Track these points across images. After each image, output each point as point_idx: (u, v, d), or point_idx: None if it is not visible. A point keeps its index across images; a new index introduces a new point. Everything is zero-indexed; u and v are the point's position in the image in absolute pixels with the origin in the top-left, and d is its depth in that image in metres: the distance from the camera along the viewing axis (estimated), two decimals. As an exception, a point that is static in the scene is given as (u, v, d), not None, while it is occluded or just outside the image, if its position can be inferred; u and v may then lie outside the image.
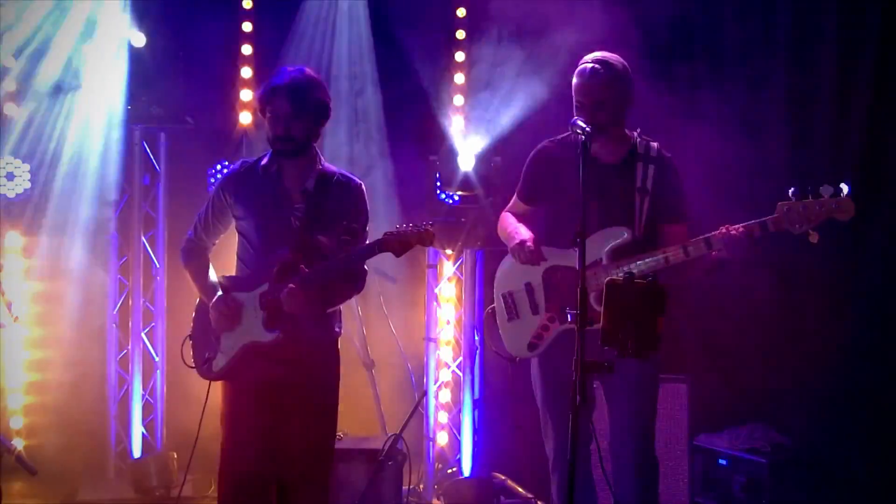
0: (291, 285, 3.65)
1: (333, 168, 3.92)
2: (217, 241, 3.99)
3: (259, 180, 3.85)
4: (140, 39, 5.61)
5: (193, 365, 3.90)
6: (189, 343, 3.92)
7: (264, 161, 3.88)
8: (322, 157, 3.92)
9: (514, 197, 4.18)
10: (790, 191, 3.61)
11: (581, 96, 3.85)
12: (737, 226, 3.67)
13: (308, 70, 3.86)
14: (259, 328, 3.73)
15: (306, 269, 3.67)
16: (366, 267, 3.87)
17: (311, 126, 3.80)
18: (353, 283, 3.87)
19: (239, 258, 3.90)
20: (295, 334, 3.75)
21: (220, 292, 3.81)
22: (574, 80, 3.88)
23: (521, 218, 4.12)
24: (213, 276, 3.91)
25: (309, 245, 3.76)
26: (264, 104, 3.78)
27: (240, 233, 3.88)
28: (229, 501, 3.83)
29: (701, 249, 3.72)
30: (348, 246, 3.71)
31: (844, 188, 3.56)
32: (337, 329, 3.92)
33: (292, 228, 3.78)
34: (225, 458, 3.83)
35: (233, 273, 3.90)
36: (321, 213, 3.78)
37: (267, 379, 3.76)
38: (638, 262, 3.75)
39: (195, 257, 3.96)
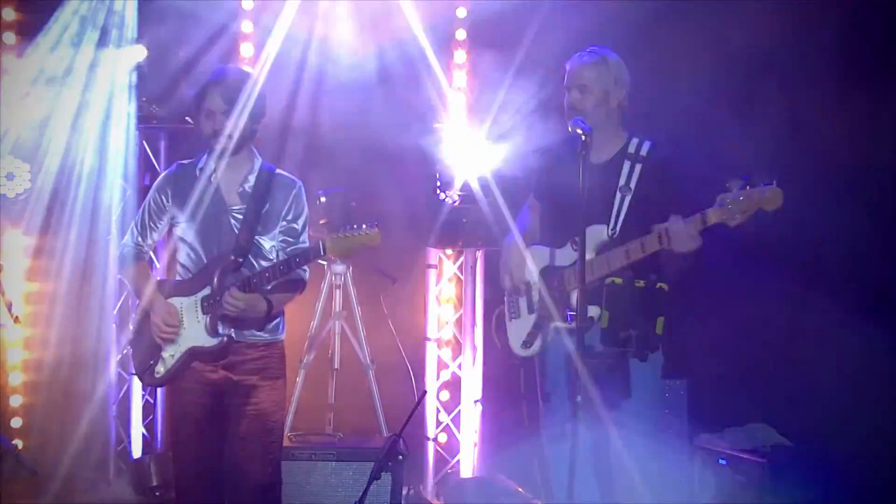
0: (233, 289, 3.60)
1: (272, 167, 3.86)
2: (153, 245, 3.94)
3: (196, 182, 3.78)
4: (141, 53, 5.59)
5: (135, 372, 3.85)
6: (130, 350, 3.89)
7: (200, 162, 3.83)
8: (260, 156, 3.86)
9: (531, 193, 4.21)
10: (728, 182, 3.45)
11: (567, 80, 3.87)
12: (685, 219, 3.55)
13: (243, 68, 3.85)
14: (202, 333, 3.70)
15: (248, 271, 3.64)
16: (306, 268, 3.82)
17: (246, 123, 3.73)
18: (295, 286, 3.82)
19: (179, 262, 3.83)
20: (239, 338, 3.72)
21: (160, 298, 3.75)
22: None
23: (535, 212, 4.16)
24: (153, 281, 3.85)
25: (250, 247, 3.72)
26: (199, 101, 3.73)
27: (178, 236, 3.82)
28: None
29: (655, 245, 3.60)
30: (289, 247, 3.68)
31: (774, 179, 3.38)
32: (280, 332, 3.87)
33: (232, 230, 3.73)
34: (174, 459, 3.84)
35: (174, 277, 3.85)
36: (261, 213, 3.73)
37: (210, 383, 3.74)
38: (607, 257, 3.68)
39: (132, 263, 3.89)
